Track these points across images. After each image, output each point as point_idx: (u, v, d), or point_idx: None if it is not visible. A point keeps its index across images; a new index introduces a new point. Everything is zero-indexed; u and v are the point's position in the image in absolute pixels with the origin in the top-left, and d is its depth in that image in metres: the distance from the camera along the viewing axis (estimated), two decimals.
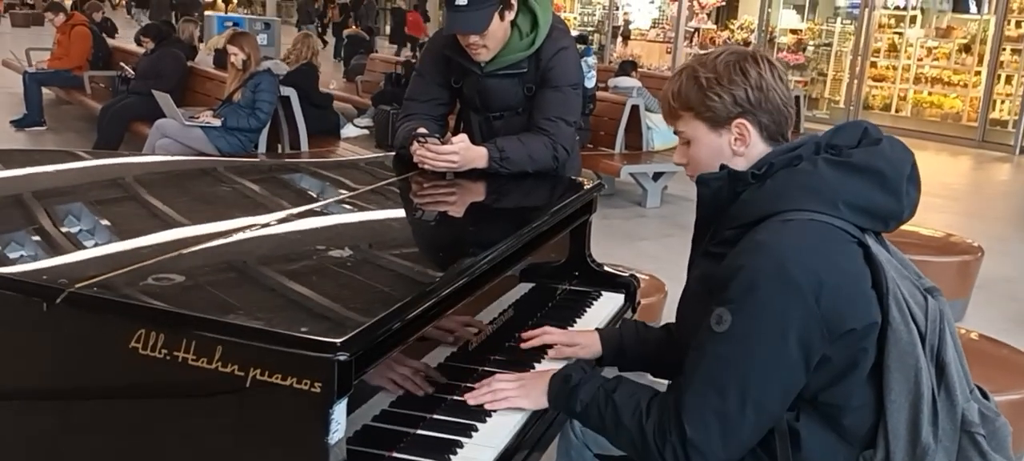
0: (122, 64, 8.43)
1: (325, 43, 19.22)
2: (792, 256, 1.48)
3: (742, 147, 1.65)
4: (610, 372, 1.83)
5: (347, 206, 2.26)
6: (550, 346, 2.00)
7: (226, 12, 24.22)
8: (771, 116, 1.64)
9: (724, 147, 1.66)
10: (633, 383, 1.69)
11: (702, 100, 1.64)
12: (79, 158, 2.91)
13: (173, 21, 16.29)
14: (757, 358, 1.48)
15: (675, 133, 1.74)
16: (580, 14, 20.32)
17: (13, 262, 1.70)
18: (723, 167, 1.65)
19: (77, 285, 1.48)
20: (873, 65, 14.32)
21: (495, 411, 1.73)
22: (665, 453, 1.53)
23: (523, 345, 2.01)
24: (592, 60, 7.70)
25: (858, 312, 1.51)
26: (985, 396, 1.66)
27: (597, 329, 2.06)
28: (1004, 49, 12.79)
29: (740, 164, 1.65)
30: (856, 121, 1.70)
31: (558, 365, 1.92)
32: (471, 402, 1.75)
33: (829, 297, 1.47)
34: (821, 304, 1.47)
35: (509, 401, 1.75)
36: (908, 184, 1.60)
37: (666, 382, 1.78)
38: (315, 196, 2.36)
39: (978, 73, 13.20)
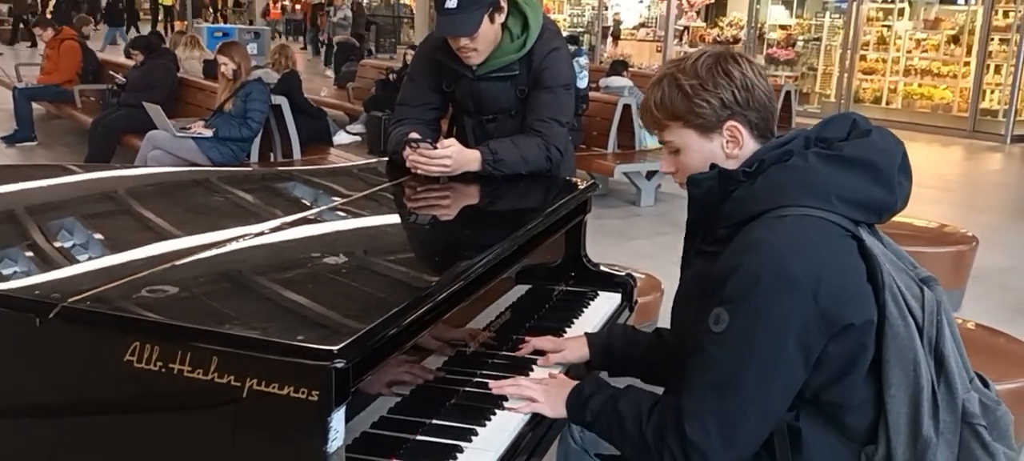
0: (112, 73, 8.40)
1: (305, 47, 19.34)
2: (790, 253, 1.47)
3: (735, 149, 1.63)
4: (623, 382, 1.82)
5: (341, 213, 2.25)
6: (542, 352, 1.99)
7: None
8: (759, 113, 1.63)
9: (717, 151, 1.64)
10: (639, 390, 1.68)
11: (690, 107, 1.62)
12: (71, 172, 2.90)
13: (163, 33, 16.25)
14: (756, 358, 1.47)
15: (661, 143, 1.72)
16: (570, 15, 20.32)
17: (6, 278, 1.68)
18: (713, 166, 1.63)
19: (70, 299, 1.47)
20: (863, 58, 14.36)
21: (496, 414, 1.72)
22: (664, 455, 1.52)
23: (517, 353, 2.00)
24: (584, 61, 7.70)
25: (856, 308, 1.50)
26: (985, 385, 1.65)
27: (586, 333, 2.05)
28: (992, 39, 12.82)
29: (732, 166, 1.63)
30: (845, 113, 1.68)
31: (546, 372, 1.92)
32: (494, 390, 1.76)
33: (827, 293, 1.46)
34: (819, 300, 1.46)
35: (531, 405, 1.74)
36: (900, 174, 1.59)
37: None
38: (309, 204, 2.35)
39: (967, 64, 13.23)
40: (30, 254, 1.88)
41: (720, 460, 1.49)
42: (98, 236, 2.02)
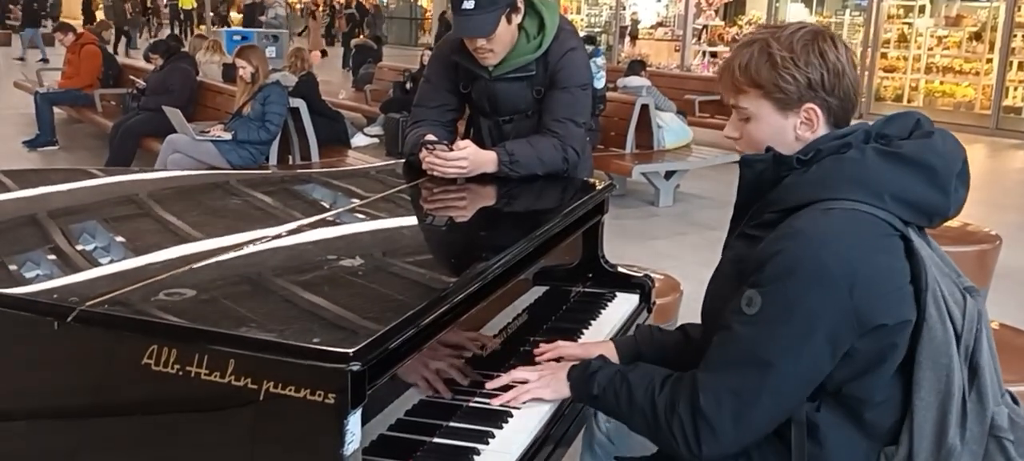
0: (132, 77, 8.47)
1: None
2: (830, 246, 1.45)
3: (808, 132, 1.58)
4: None
5: (358, 215, 2.25)
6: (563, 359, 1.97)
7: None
8: (841, 102, 1.58)
9: (788, 130, 1.59)
10: (650, 365, 1.68)
11: (774, 79, 1.56)
12: (92, 176, 2.92)
13: (182, 36, 16.32)
14: (782, 344, 1.45)
15: (732, 106, 1.65)
16: (587, 15, 20.31)
17: (29, 282, 1.70)
18: (768, 149, 1.59)
19: (88, 303, 1.48)
20: (883, 56, 14.26)
21: (512, 416, 1.72)
22: (673, 426, 1.51)
23: (537, 357, 1.98)
24: (601, 60, 7.67)
25: (891, 308, 1.47)
26: (1015, 402, 1.62)
27: (612, 339, 2.03)
28: (1015, 35, 12.69)
29: (797, 149, 1.58)
30: (908, 111, 1.63)
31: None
32: (496, 404, 1.74)
33: (863, 290, 1.44)
34: (854, 296, 1.43)
35: (531, 393, 1.74)
36: (957, 181, 1.55)
37: None
38: (326, 206, 2.36)
39: (990, 61, 13.11)
40: (52, 257, 1.89)
41: (728, 436, 1.48)
42: (118, 239, 2.03)
